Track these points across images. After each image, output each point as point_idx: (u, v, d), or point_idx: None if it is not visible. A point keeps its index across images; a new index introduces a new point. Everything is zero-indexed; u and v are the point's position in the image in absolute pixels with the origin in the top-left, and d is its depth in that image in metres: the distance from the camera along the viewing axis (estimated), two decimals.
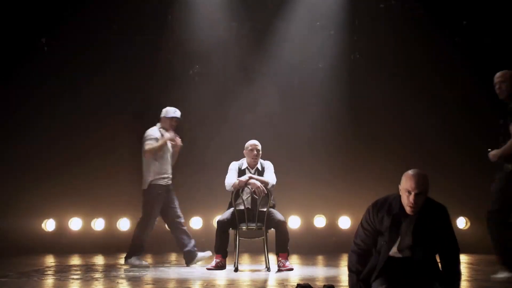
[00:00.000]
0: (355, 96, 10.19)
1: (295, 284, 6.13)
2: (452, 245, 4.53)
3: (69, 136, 10.09)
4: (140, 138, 10.12)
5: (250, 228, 7.23)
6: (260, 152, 7.46)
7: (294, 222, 9.91)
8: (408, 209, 4.44)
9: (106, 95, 10.05)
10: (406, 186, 4.43)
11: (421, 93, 10.05)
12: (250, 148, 7.44)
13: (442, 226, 4.51)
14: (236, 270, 7.07)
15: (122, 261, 7.93)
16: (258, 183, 7.18)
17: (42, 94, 10.06)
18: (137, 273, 6.99)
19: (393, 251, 4.57)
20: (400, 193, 4.48)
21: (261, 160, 7.50)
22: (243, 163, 7.48)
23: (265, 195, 7.20)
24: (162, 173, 7.96)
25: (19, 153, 9.97)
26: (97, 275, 6.87)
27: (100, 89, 10.05)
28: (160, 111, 10.15)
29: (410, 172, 4.48)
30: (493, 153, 6.43)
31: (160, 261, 8.41)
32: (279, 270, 7.09)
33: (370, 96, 10.15)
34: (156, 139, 7.96)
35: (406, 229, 4.51)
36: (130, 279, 6.46)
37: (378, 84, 10.12)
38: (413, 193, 4.40)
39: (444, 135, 9.95)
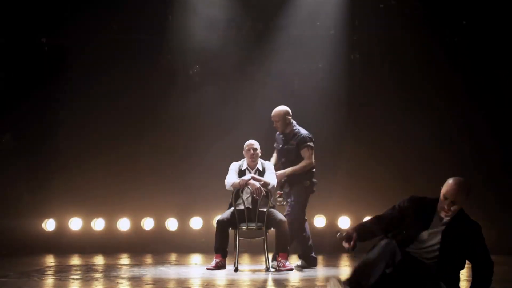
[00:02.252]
0: (355, 97, 10.19)
1: (295, 284, 6.13)
2: (484, 264, 4.61)
3: (69, 136, 10.10)
4: (140, 137, 10.17)
5: (250, 228, 7.22)
6: (258, 151, 7.43)
7: None
8: (442, 213, 4.59)
9: (105, 95, 10.05)
10: (444, 191, 4.58)
11: (421, 93, 10.05)
12: (247, 148, 7.44)
13: (473, 242, 4.60)
14: (236, 270, 7.07)
15: (122, 261, 7.91)
16: (258, 184, 7.16)
17: (42, 94, 10.06)
18: (137, 273, 6.99)
19: (419, 253, 4.62)
20: (441, 196, 4.60)
21: (262, 161, 7.49)
22: (244, 163, 7.47)
23: (264, 195, 7.20)
24: None
25: (20, 153, 9.97)
26: (97, 275, 6.87)
27: (99, 89, 10.05)
28: (160, 111, 10.24)
29: (451, 179, 4.62)
30: (280, 173, 7.49)
31: (160, 261, 8.41)
32: (279, 270, 7.09)
33: (370, 97, 10.14)
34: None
35: (434, 235, 4.61)
36: (130, 279, 6.46)
37: (378, 84, 10.11)
38: (448, 200, 4.55)
39: (444, 136, 9.95)
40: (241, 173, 7.39)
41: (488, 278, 4.62)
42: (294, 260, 8.21)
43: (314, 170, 7.68)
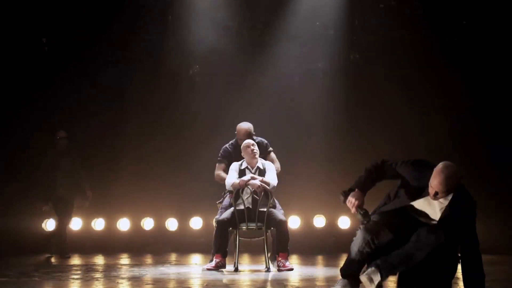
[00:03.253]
0: (354, 97, 10.19)
1: (295, 284, 6.13)
2: (469, 243, 4.53)
3: (68, 136, 10.08)
4: (140, 137, 10.17)
5: (250, 228, 7.22)
6: (256, 148, 7.40)
7: (294, 222, 9.91)
8: (430, 195, 4.51)
9: (105, 95, 10.06)
10: (430, 180, 4.46)
11: (421, 93, 10.05)
12: (245, 146, 7.40)
13: (464, 220, 4.52)
14: (236, 270, 7.06)
15: (122, 261, 7.90)
16: (258, 183, 7.15)
17: (41, 94, 10.06)
18: (137, 273, 6.99)
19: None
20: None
21: (262, 161, 7.47)
22: (243, 163, 7.46)
23: (265, 195, 7.18)
24: None
25: (20, 153, 9.97)
26: (97, 275, 6.86)
27: (99, 89, 10.05)
28: (160, 111, 10.18)
29: (439, 166, 4.49)
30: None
31: (160, 261, 8.41)
32: (279, 270, 7.08)
33: (369, 97, 10.15)
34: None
35: (429, 205, 4.56)
36: (130, 279, 6.45)
37: (377, 84, 10.12)
38: (433, 189, 4.46)
39: (443, 136, 9.95)
40: (241, 172, 7.37)
41: (478, 265, 4.53)
42: (294, 260, 8.22)
43: None
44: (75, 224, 10.09)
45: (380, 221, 4.68)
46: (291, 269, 7.10)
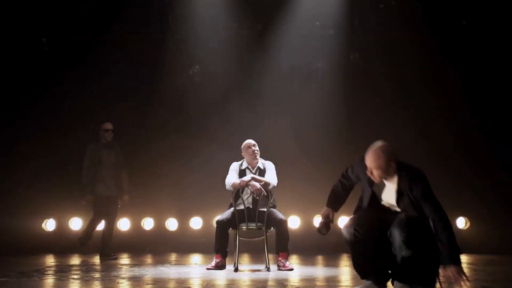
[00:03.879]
0: (354, 97, 10.19)
1: (295, 284, 6.13)
2: (431, 207, 4.62)
3: (69, 136, 10.10)
4: (139, 138, 10.17)
5: (250, 228, 7.22)
6: (257, 148, 7.40)
7: (294, 222, 9.92)
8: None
9: (105, 95, 10.06)
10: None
11: (420, 93, 10.06)
12: (246, 146, 7.41)
13: (417, 189, 4.67)
14: (236, 270, 7.06)
15: (122, 261, 7.89)
16: (258, 185, 7.15)
17: (42, 94, 10.07)
18: (137, 273, 6.99)
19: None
20: None
21: (262, 160, 7.47)
22: (244, 163, 7.46)
23: (265, 195, 7.18)
24: None
25: (19, 153, 9.97)
26: (97, 275, 6.86)
27: (100, 89, 10.06)
28: (160, 112, 10.16)
29: (371, 146, 4.79)
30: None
31: (160, 261, 8.41)
32: (279, 270, 7.08)
33: (368, 97, 10.15)
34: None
35: (384, 190, 4.82)
36: (130, 279, 6.45)
37: (377, 84, 10.12)
38: (369, 168, 4.75)
39: (444, 135, 9.95)
40: (242, 172, 7.37)
41: (446, 225, 4.59)
42: (294, 260, 8.22)
43: None
44: (75, 224, 10.09)
45: (359, 214, 4.99)
46: (291, 269, 7.10)
